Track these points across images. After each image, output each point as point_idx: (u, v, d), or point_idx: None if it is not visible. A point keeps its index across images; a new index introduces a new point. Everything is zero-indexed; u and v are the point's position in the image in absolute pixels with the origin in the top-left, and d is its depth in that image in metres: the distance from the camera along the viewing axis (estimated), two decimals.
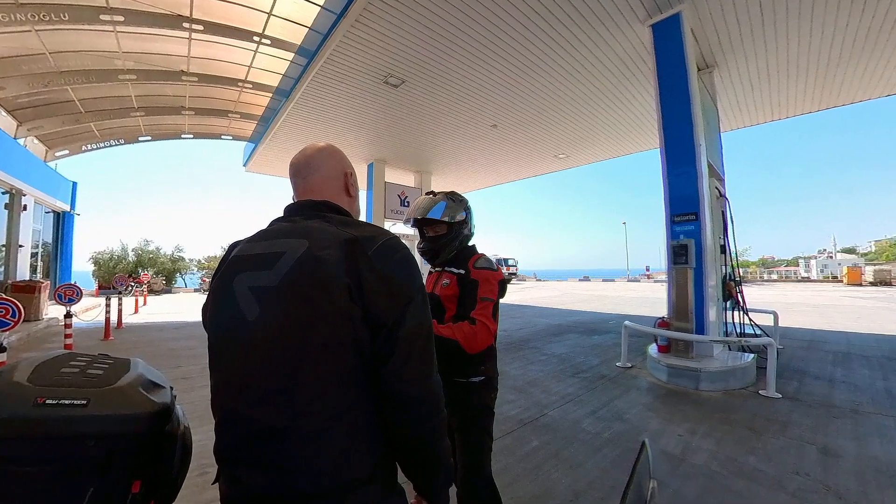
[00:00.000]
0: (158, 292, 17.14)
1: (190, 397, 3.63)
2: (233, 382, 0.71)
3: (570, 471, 2.36)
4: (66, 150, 12.86)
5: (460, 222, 1.55)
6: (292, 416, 0.65)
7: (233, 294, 0.74)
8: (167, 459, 0.71)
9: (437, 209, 1.52)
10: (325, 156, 0.90)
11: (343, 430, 0.67)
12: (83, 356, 0.72)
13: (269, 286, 0.70)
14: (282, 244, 0.73)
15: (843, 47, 5.84)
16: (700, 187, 4.50)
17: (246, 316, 0.71)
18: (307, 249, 0.70)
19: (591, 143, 10.41)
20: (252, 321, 0.70)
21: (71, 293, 5.38)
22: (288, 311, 0.67)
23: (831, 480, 2.20)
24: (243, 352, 0.70)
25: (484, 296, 1.41)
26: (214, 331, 0.78)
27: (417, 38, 5.72)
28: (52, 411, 0.58)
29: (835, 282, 24.47)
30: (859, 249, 65.96)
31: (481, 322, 1.35)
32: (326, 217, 0.80)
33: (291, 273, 0.69)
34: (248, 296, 0.72)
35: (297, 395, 0.66)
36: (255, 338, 0.69)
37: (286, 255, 0.71)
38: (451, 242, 1.55)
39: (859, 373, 4.30)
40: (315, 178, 0.88)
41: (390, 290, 0.70)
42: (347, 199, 0.90)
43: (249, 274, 0.73)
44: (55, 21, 6.62)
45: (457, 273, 1.51)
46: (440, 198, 1.56)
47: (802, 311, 9.66)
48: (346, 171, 0.92)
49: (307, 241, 0.71)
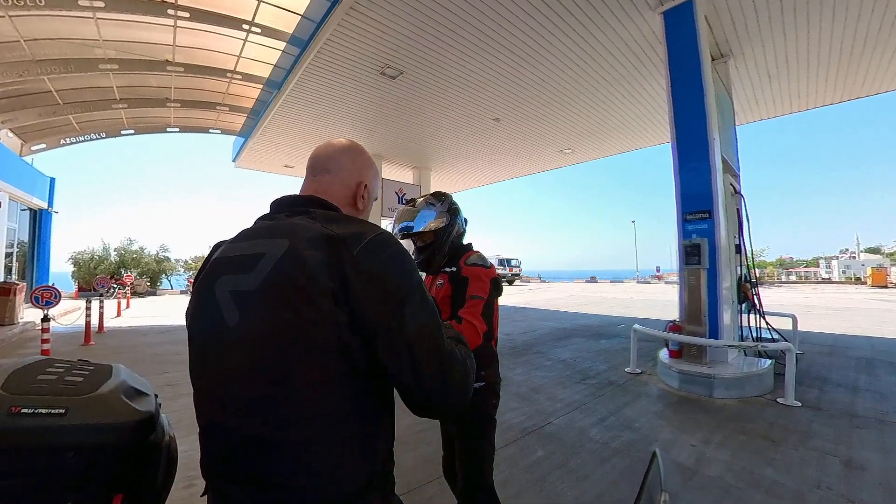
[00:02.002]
0: (142, 294, 17.13)
1: (175, 405, 3.63)
2: (215, 391, 0.71)
3: (577, 482, 2.35)
4: (44, 143, 12.87)
5: (446, 225, 1.55)
6: (278, 426, 0.64)
7: (214, 298, 0.73)
8: (151, 471, 0.71)
9: (420, 220, 1.53)
10: (345, 159, 0.89)
11: (335, 439, 0.66)
12: (61, 362, 0.72)
13: (248, 290, 0.69)
14: (262, 244, 0.72)
15: (867, 34, 5.84)
16: (714, 184, 4.50)
17: (227, 321, 0.70)
18: (288, 250, 0.68)
19: (598, 137, 10.42)
20: (232, 327, 0.69)
21: (48, 295, 5.38)
22: (268, 317, 0.66)
23: (855, 494, 2.19)
24: (224, 359, 0.70)
25: (474, 293, 1.40)
26: (196, 336, 0.77)
27: (416, 27, 5.71)
28: (27, 421, 0.58)
29: (858, 283, 24.50)
30: (884, 249, 65.92)
31: (467, 321, 1.35)
32: (311, 213, 0.77)
33: (271, 276, 0.67)
34: (229, 300, 0.71)
35: (281, 404, 0.65)
36: (235, 344, 0.68)
37: (266, 256, 0.70)
38: (441, 248, 1.56)
39: (885, 380, 4.29)
40: (324, 179, 0.87)
41: (381, 291, 0.67)
42: (353, 210, 0.89)
43: (230, 277, 0.73)
44: (30, 6, 6.61)
45: (449, 272, 1.52)
46: (420, 206, 1.57)
47: (823, 314, 9.66)
48: (361, 181, 0.90)
49: (288, 241, 0.69)
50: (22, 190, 11.52)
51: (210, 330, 0.73)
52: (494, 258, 27.90)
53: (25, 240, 13.22)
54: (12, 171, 10.80)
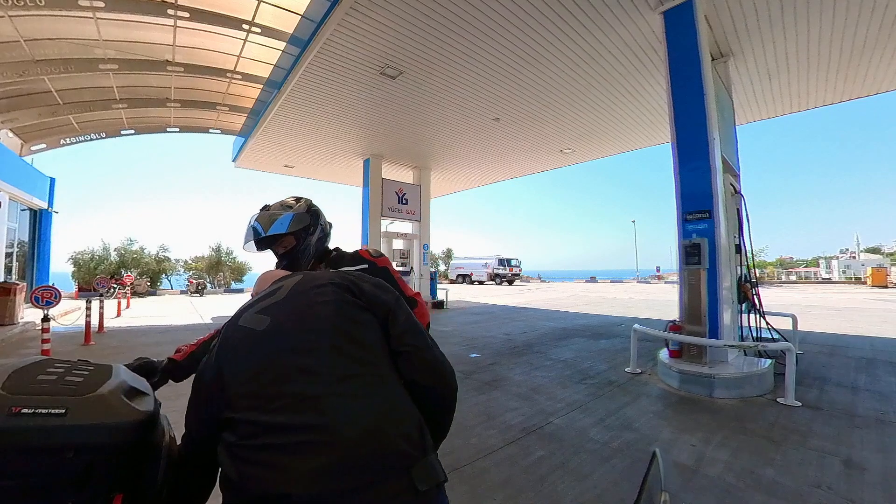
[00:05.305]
0: (142, 294, 17.11)
1: (175, 405, 3.63)
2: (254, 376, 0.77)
3: (577, 482, 2.35)
4: (44, 143, 12.87)
5: (307, 227, 1.41)
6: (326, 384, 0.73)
7: (239, 326, 0.86)
8: (151, 471, 0.71)
9: (278, 224, 1.36)
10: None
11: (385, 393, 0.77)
12: (61, 362, 0.71)
13: (276, 302, 0.88)
14: (278, 284, 0.96)
15: (868, 33, 5.84)
16: (714, 183, 4.50)
17: (255, 329, 0.82)
18: (303, 277, 0.95)
19: (598, 137, 10.42)
20: (262, 329, 0.82)
21: (49, 295, 5.38)
22: (298, 303, 0.86)
23: (856, 494, 2.19)
24: (257, 348, 0.79)
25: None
26: (227, 357, 0.82)
27: (416, 27, 5.72)
28: (27, 421, 0.58)
29: (858, 283, 24.47)
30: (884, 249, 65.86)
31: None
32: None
33: (295, 288, 0.91)
34: (255, 317, 0.85)
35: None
36: (267, 335, 0.81)
37: (285, 285, 0.93)
38: (305, 253, 1.43)
39: (885, 380, 4.29)
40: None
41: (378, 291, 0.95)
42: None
43: (254, 307, 0.89)
44: (30, 6, 6.61)
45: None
46: (276, 209, 1.42)
47: (823, 314, 9.66)
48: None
49: (301, 275, 0.97)
50: (22, 190, 11.52)
51: (240, 345, 0.87)
52: (494, 258, 27.88)
53: (25, 240, 13.21)
54: (12, 171, 10.80)
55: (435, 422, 0.83)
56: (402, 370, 0.82)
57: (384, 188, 12.01)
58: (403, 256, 13.01)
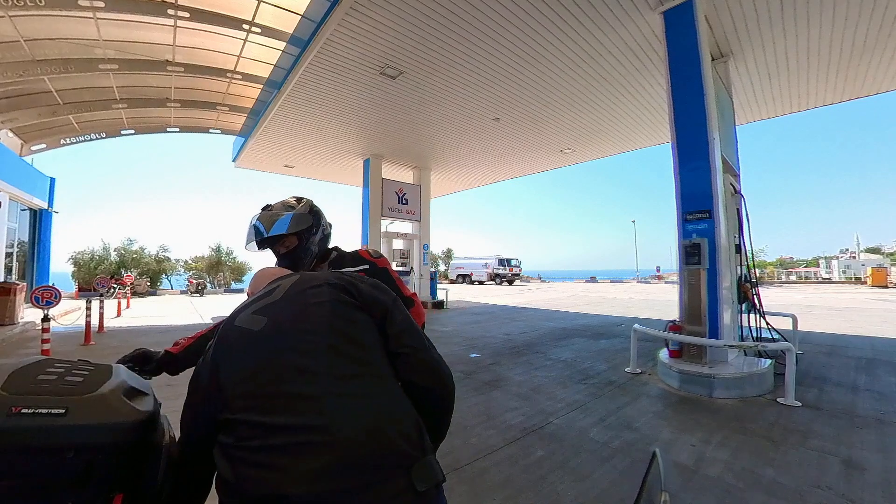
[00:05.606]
0: (142, 294, 17.11)
1: (176, 405, 3.62)
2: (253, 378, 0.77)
3: (577, 482, 2.35)
4: (44, 143, 12.87)
5: (310, 227, 1.42)
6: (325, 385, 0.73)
7: (235, 326, 0.85)
8: (151, 471, 0.71)
9: (279, 224, 1.38)
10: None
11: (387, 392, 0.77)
12: (61, 362, 0.71)
13: (272, 302, 0.87)
14: (274, 284, 0.94)
15: (868, 33, 5.84)
16: (714, 183, 4.50)
17: (252, 329, 0.82)
18: (300, 277, 0.94)
19: (598, 137, 10.42)
20: (259, 329, 0.81)
21: (49, 295, 5.38)
22: (294, 303, 0.85)
23: (855, 494, 2.19)
24: (253, 349, 0.79)
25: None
26: (223, 358, 0.81)
27: (416, 27, 5.71)
28: (28, 421, 0.58)
29: (858, 283, 24.46)
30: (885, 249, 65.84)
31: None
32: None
33: (292, 288, 0.89)
34: (251, 317, 0.85)
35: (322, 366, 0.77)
36: (264, 336, 0.80)
37: (281, 285, 0.91)
38: (307, 253, 1.44)
39: (885, 380, 4.29)
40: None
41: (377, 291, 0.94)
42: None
43: (250, 307, 0.88)
44: (30, 6, 6.61)
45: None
46: (278, 209, 1.44)
47: (823, 314, 9.66)
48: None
49: (298, 275, 0.96)
50: (22, 190, 11.52)
51: (235, 345, 0.86)
52: (494, 258, 27.88)
53: (25, 240, 13.22)
54: (12, 171, 10.80)
55: (433, 423, 0.83)
56: (400, 371, 0.82)
57: (384, 188, 12.01)
58: (403, 256, 12.99)
